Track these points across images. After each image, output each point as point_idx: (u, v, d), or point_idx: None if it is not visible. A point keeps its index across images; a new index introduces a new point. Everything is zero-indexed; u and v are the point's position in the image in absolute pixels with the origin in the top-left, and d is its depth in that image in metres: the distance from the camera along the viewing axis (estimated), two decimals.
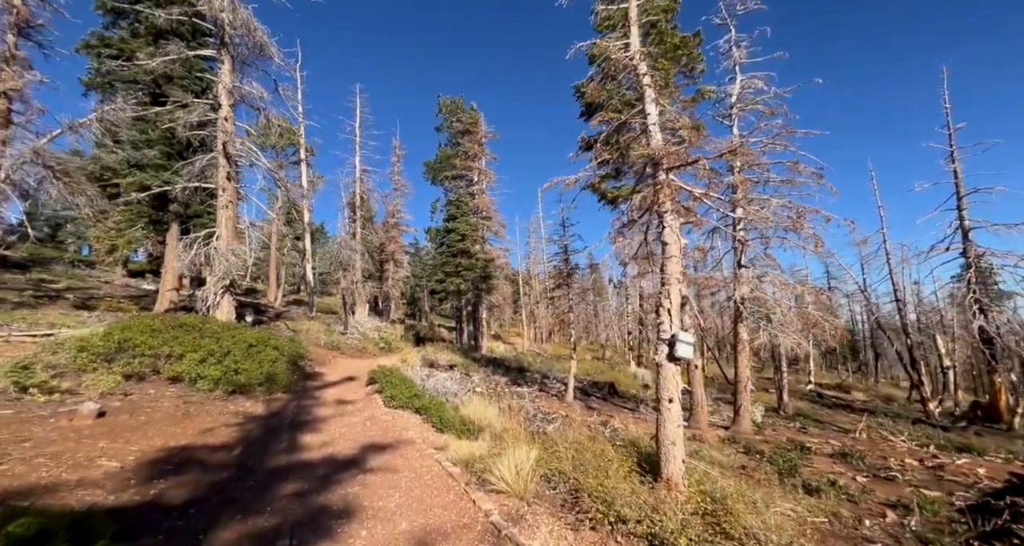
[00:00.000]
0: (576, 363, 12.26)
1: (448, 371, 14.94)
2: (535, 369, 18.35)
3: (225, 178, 13.56)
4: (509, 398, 11.20)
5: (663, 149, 4.62)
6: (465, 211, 21.73)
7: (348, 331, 22.37)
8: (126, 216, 14.65)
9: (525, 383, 13.97)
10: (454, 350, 20.35)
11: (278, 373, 9.53)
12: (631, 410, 12.20)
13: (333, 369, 13.17)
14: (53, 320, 11.20)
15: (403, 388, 9.01)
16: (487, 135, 23.85)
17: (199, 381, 8.15)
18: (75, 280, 23.96)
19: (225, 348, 9.22)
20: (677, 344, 4.37)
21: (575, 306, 12.19)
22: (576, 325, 12.31)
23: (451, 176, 24.54)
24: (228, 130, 13.51)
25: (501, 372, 16.07)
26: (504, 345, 28.90)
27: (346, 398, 9.39)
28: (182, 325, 9.92)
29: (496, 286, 22.22)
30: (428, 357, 17.10)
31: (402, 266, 39.29)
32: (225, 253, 13.37)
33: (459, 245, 20.91)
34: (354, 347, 19.36)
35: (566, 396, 12.20)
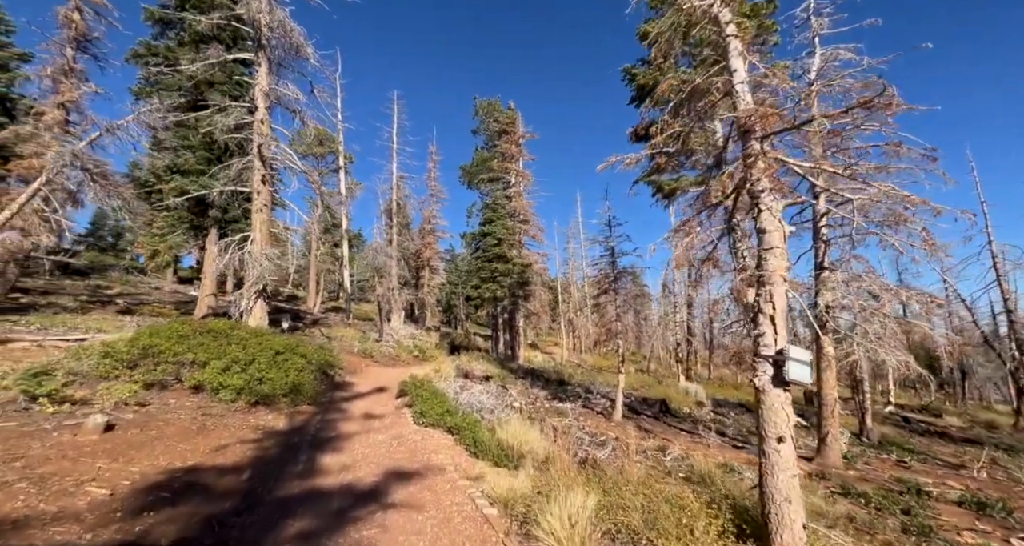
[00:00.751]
0: (624, 377, 11.12)
1: (483, 383, 14.12)
2: (576, 382, 17.22)
3: (260, 181, 13.50)
4: (550, 415, 10.21)
5: (759, 110, 3.63)
6: (502, 214, 21.04)
7: (383, 339, 22.11)
8: (167, 221, 14.97)
9: (567, 398, 12.91)
10: (490, 360, 19.55)
11: (304, 383, 9.02)
12: (688, 432, 10.88)
13: (364, 379, 12.65)
14: (92, 324, 11.31)
15: (434, 403, 8.24)
16: (525, 135, 23.16)
17: (221, 391, 7.72)
18: (128, 286, 25.18)
19: (250, 356, 8.81)
20: (788, 363, 3.32)
21: (623, 314, 11.12)
22: (625, 335, 11.21)
23: (488, 178, 23.99)
24: (264, 133, 13.46)
25: (540, 385, 15.08)
26: (542, 355, 27.82)
27: (374, 412, 8.73)
28: (210, 331, 9.65)
29: (534, 293, 21.30)
30: (462, 367, 16.39)
31: (438, 273, 39.22)
32: (259, 257, 13.24)
33: (495, 249, 20.20)
34: (387, 355, 18.97)
35: (614, 414, 11.05)
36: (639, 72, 10.56)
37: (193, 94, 14.30)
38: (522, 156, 23.22)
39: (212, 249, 14.16)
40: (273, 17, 12.87)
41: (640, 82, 10.32)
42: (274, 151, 13.75)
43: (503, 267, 20.05)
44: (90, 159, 9.97)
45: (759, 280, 3.70)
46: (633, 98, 10.99)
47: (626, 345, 11.25)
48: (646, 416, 12.22)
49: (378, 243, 25.66)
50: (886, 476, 8.34)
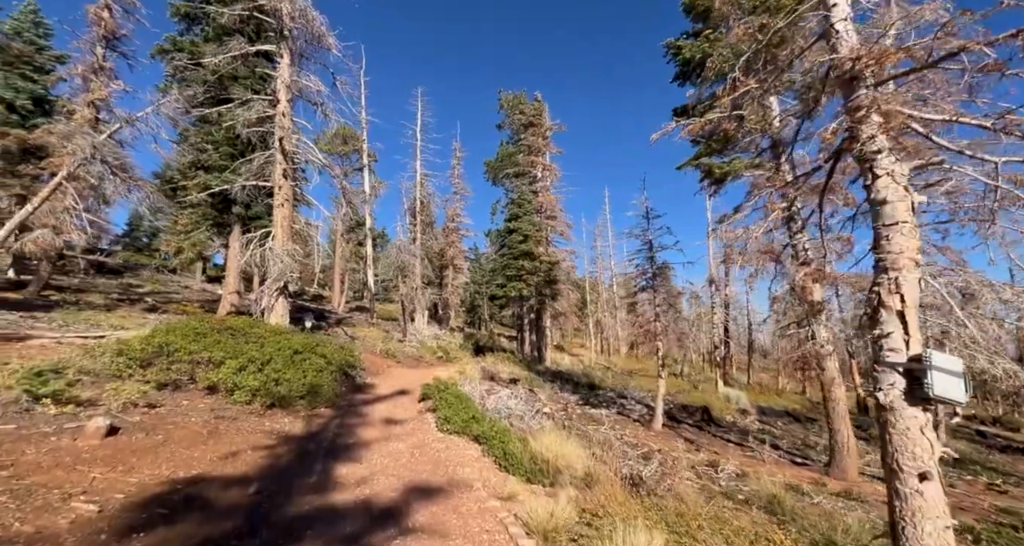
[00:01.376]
0: (665, 382, 10.27)
1: (510, 386, 13.51)
2: (608, 386, 16.40)
3: (281, 176, 13.29)
4: (584, 423, 9.50)
5: (873, 49, 2.87)
6: (528, 210, 20.39)
7: (406, 339, 21.83)
8: (192, 219, 15.02)
9: (599, 404, 12.16)
10: (516, 362, 18.94)
11: (323, 385, 8.61)
12: (738, 445, 9.96)
13: (386, 380, 12.24)
14: (115, 322, 11.28)
15: (460, 408, 7.66)
16: (552, 127, 22.45)
17: (236, 392, 7.36)
18: (158, 285, 25.79)
19: (267, 355, 8.46)
20: (932, 374, 2.54)
21: (663, 313, 10.28)
22: (665, 336, 10.34)
23: (514, 173, 23.41)
24: (285, 126, 13.25)
25: (570, 389, 14.36)
26: (569, 357, 27.06)
27: (395, 417, 8.23)
28: (228, 328, 9.38)
29: (561, 292, 20.56)
30: (488, 369, 15.84)
31: (462, 272, 38.90)
32: (280, 254, 13.03)
33: (521, 246, 19.57)
34: (411, 356, 18.61)
35: (653, 423, 10.23)
36: (685, 45, 9.66)
37: (217, 89, 14.25)
38: (549, 149, 22.49)
39: (234, 246, 14.07)
40: (294, 5, 12.63)
41: (686, 56, 9.41)
42: (296, 144, 13.53)
43: (529, 265, 19.39)
44: (111, 152, 9.91)
45: (878, 265, 2.94)
46: (677, 75, 10.12)
47: (668, 346, 10.42)
48: (687, 425, 11.33)
49: (402, 241, 25.43)
50: (985, 504, 7.25)
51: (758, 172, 7.56)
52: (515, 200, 21.23)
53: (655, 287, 10.39)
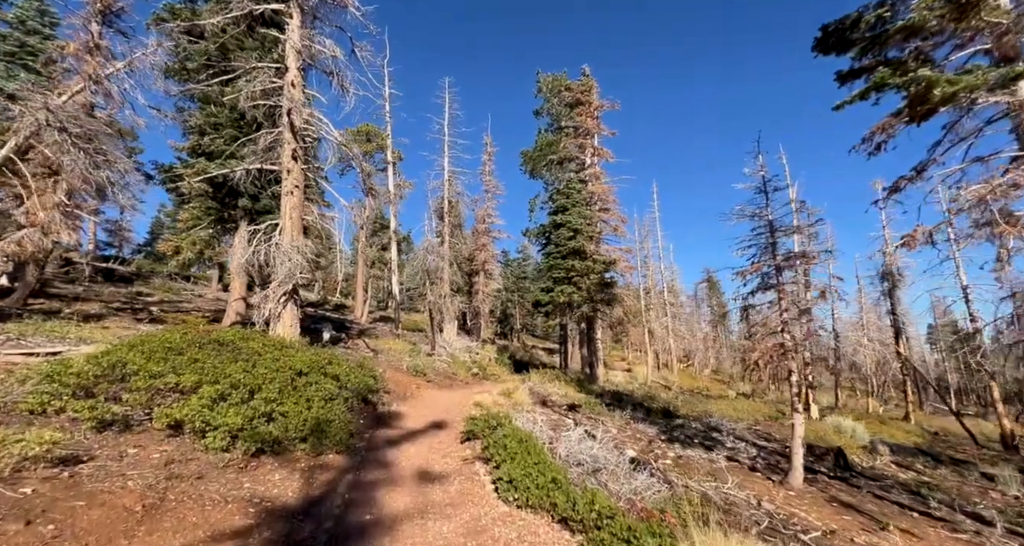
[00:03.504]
0: (802, 419, 7.63)
1: (569, 414, 11.16)
2: (685, 414, 13.79)
3: (290, 157, 11.53)
4: (688, 472, 7.04)
5: None
6: (577, 201, 18.06)
7: (435, 352, 19.83)
8: (192, 214, 13.51)
9: (690, 440, 9.67)
10: (565, 380, 16.56)
11: (333, 420, 6.52)
12: (910, 510, 7.24)
13: (415, 406, 10.11)
14: (90, 334, 9.62)
15: (525, 459, 5.37)
16: (603, 106, 20.14)
17: (208, 434, 5.34)
18: (170, 294, 24.77)
19: (258, 379, 6.45)
20: None
21: (791, 322, 7.69)
22: (796, 354, 7.68)
23: (558, 160, 21.13)
24: (295, 97, 11.51)
25: (641, 417, 11.88)
26: (623, 374, 24.46)
27: (432, 468, 6.02)
28: (214, 342, 7.45)
29: (618, 297, 18.10)
30: (536, 390, 13.55)
31: (493, 278, 36.88)
32: (288, 250, 11.20)
33: (570, 243, 17.23)
34: (442, 373, 16.52)
35: (791, 477, 7.59)
36: None
37: (219, 62, 12.72)
38: (599, 131, 20.19)
39: (239, 245, 12.37)
40: None
41: None
42: (307, 120, 11.75)
43: (581, 265, 17.00)
44: (70, 118, 8.31)
45: None
46: None
47: (801, 369, 7.81)
48: (825, 476, 8.66)
49: (429, 242, 23.59)
50: None
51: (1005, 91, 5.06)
52: (561, 190, 18.91)
53: (781, 285, 7.81)
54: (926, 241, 6.09)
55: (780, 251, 7.90)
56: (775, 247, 7.92)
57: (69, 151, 8.33)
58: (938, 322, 46.75)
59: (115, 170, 9.45)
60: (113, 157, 9.50)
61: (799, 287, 7.73)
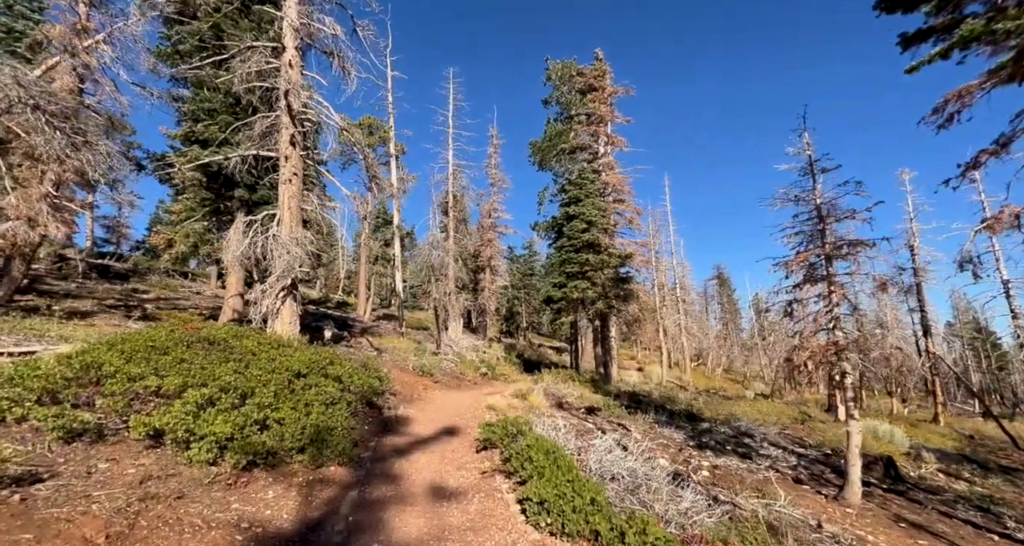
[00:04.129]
0: (858, 427, 6.91)
1: (588, 417, 10.52)
2: (709, 417, 13.11)
3: (288, 143, 10.91)
4: (731, 486, 6.38)
5: None
6: (591, 191, 17.32)
7: (441, 351, 19.25)
8: (186, 205, 12.92)
9: (721, 447, 9.01)
10: (579, 380, 15.92)
11: (335, 427, 5.91)
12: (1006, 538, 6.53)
13: (424, 410, 9.49)
14: (73, 332, 9.05)
15: (555, 476, 4.73)
16: (617, 91, 19.36)
17: (192, 445, 4.73)
18: (167, 291, 24.25)
19: (251, 381, 5.83)
20: None
21: (844, 317, 6.98)
22: (847, 352, 6.91)
23: (569, 150, 20.37)
24: (292, 79, 10.88)
25: (665, 421, 11.22)
26: (636, 374, 23.79)
27: (447, 483, 5.39)
28: (204, 340, 6.85)
29: (634, 293, 17.40)
30: (550, 391, 12.92)
31: (499, 274, 36.27)
32: (286, 242, 10.60)
33: (584, 236, 16.49)
34: (449, 373, 15.91)
35: (846, 492, 6.88)
36: None
37: (213, 41, 12.10)
38: (613, 118, 19.44)
39: (235, 238, 11.78)
40: None
41: None
42: (306, 103, 11.13)
43: (595, 259, 16.27)
44: (45, 95, 7.69)
45: None
46: None
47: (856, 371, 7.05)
48: (878, 488, 7.96)
49: (434, 237, 22.98)
50: None
51: None
52: (573, 180, 18.15)
53: (831, 277, 7.07)
54: (1012, 223, 5.38)
55: (829, 239, 7.20)
56: (824, 235, 7.21)
57: (43, 130, 7.72)
58: (960, 319, 45.72)
59: (96, 152, 8.84)
60: (94, 138, 8.88)
61: (853, 279, 7.03)
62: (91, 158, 8.71)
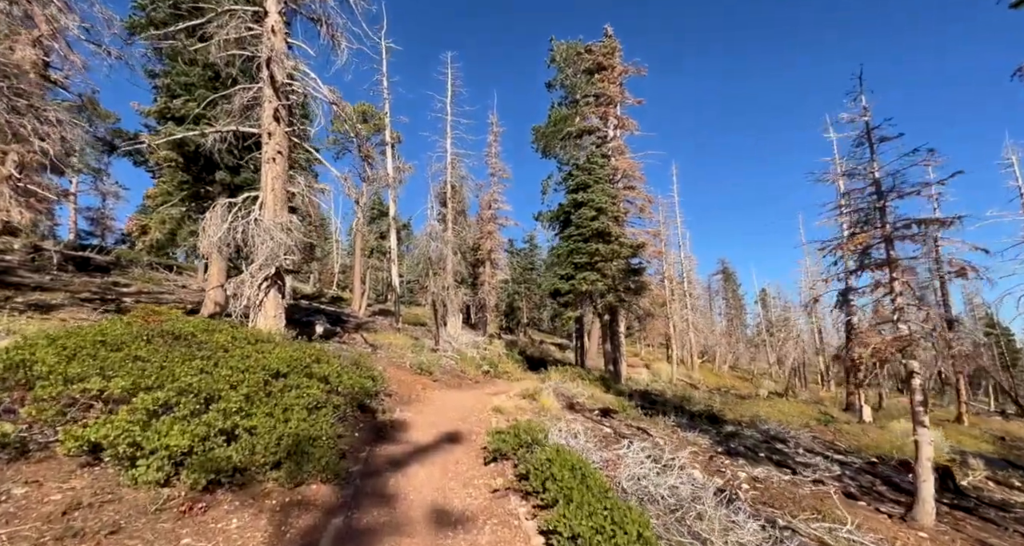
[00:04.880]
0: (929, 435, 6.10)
1: (604, 420, 9.72)
2: (732, 418, 12.33)
3: (271, 118, 10.03)
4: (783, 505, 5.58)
5: None
6: (600, 176, 16.41)
7: (439, 347, 18.44)
8: (161, 188, 12.02)
9: (753, 453, 8.24)
10: (588, 379, 15.12)
11: (318, 436, 5.08)
12: None
13: (422, 412, 8.67)
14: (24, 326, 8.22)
15: (586, 500, 3.91)
16: (628, 70, 18.41)
17: (139, 462, 3.90)
18: (150, 284, 23.33)
19: (218, 382, 4.99)
20: None
21: (906, 308, 6.16)
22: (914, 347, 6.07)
23: (576, 133, 19.42)
24: (276, 47, 9.96)
25: (686, 423, 10.43)
26: (645, 371, 23.04)
27: (451, 505, 4.58)
28: (168, 334, 6.01)
29: (646, 286, 16.57)
30: (560, 391, 12.11)
31: (499, 268, 35.44)
32: (270, 227, 9.75)
33: (593, 224, 15.59)
34: (449, 371, 15.10)
35: (917, 511, 6.08)
36: None
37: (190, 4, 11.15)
38: (623, 99, 18.51)
39: (211, 220, 10.89)
40: None
41: None
42: (292, 74, 10.23)
43: (605, 249, 15.39)
44: None
45: None
46: None
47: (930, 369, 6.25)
48: (943, 503, 7.17)
49: (432, 227, 22.07)
50: None
51: None
52: (581, 165, 17.23)
53: (894, 262, 6.22)
54: None
55: (890, 218, 6.36)
56: (884, 213, 6.37)
57: None
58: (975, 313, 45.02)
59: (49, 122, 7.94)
60: (41, 103, 7.98)
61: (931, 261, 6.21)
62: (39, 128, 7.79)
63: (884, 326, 6.34)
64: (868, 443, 10.74)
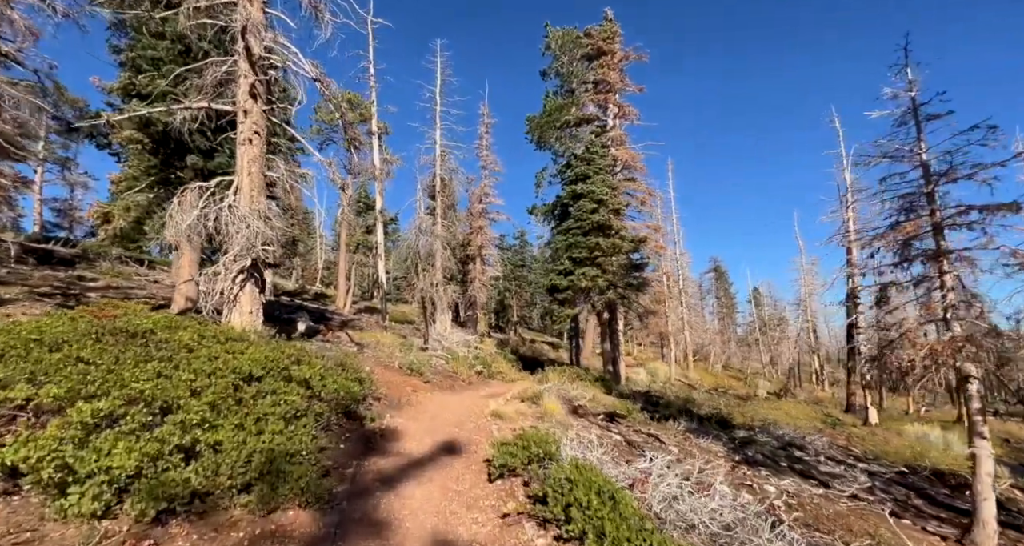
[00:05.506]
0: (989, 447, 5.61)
1: (612, 427, 9.16)
2: (741, 422, 11.87)
3: (248, 94, 9.24)
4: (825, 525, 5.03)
5: None
6: (600, 167, 15.76)
7: (429, 346, 17.76)
8: (127, 173, 11.13)
9: (773, 462, 7.77)
10: (588, 380, 14.57)
11: (298, 451, 4.40)
12: None
13: (415, 418, 8.01)
14: None
15: (620, 530, 3.29)
16: (629, 55, 17.78)
17: (70, 489, 3.19)
18: (119, 278, 22.18)
19: (178, 388, 4.27)
20: None
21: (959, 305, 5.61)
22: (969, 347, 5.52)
23: (574, 122, 18.72)
24: (252, 16, 9.17)
25: (696, 428, 9.92)
26: (642, 371, 22.60)
27: (455, 534, 3.94)
28: (121, 332, 5.25)
29: (648, 282, 16.05)
30: (560, 393, 11.51)
31: (490, 264, 34.78)
32: (246, 215, 8.99)
33: (593, 217, 14.96)
34: (441, 371, 14.45)
35: (976, 533, 5.59)
36: None
37: None
38: (624, 87, 17.91)
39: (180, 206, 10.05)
40: None
41: None
42: (270, 47, 9.45)
43: (606, 243, 14.77)
44: None
45: None
46: None
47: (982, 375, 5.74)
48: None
49: (421, 219, 21.31)
50: None
51: None
52: (581, 155, 16.56)
53: (944, 254, 5.66)
54: None
55: (940, 204, 5.83)
56: (932, 198, 5.85)
57: None
58: None
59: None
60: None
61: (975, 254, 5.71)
62: None
63: (931, 325, 5.86)
64: (888, 450, 10.31)
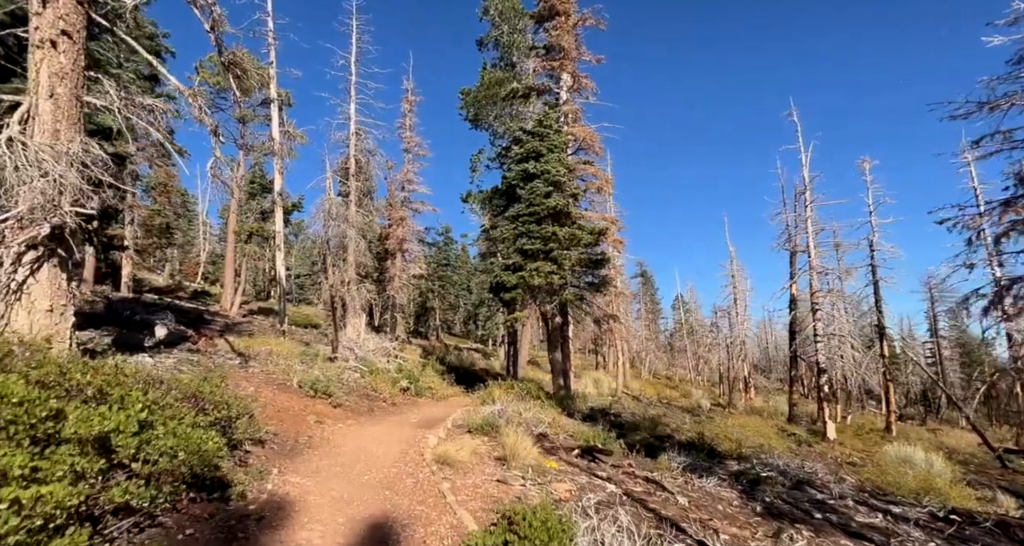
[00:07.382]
0: None
1: (596, 468, 7.31)
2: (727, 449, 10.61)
3: None
4: None
5: None
6: (555, 143, 13.77)
7: (339, 355, 14.90)
8: None
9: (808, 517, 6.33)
10: (538, 396, 12.69)
11: None
12: None
13: (319, 474, 5.55)
14: None
15: None
16: (585, 19, 16.02)
17: None
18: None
19: None
20: None
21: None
22: None
23: (521, 93, 16.59)
24: None
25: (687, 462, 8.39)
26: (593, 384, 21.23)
27: None
28: None
29: (609, 282, 14.49)
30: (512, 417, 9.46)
31: (412, 260, 32.21)
32: (42, 156, 5.99)
33: (547, 202, 12.88)
34: (356, 389, 11.81)
35: None
36: None
37: None
38: (580, 54, 16.21)
39: None
40: None
41: None
42: None
43: (563, 232, 12.79)
44: None
45: None
46: None
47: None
48: None
49: (331, 201, 18.37)
50: None
51: None
52: (531, 129, 14.36)
53: None
54: None
55: None
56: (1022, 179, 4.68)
57: None
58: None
59: None
60: None
61: None
62: None
63: None
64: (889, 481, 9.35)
